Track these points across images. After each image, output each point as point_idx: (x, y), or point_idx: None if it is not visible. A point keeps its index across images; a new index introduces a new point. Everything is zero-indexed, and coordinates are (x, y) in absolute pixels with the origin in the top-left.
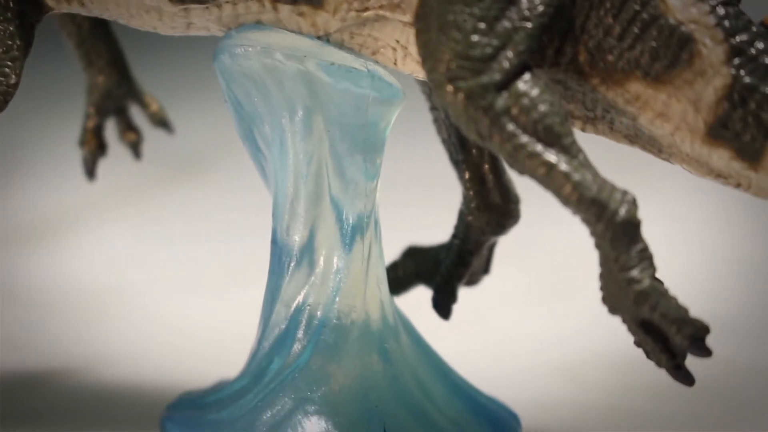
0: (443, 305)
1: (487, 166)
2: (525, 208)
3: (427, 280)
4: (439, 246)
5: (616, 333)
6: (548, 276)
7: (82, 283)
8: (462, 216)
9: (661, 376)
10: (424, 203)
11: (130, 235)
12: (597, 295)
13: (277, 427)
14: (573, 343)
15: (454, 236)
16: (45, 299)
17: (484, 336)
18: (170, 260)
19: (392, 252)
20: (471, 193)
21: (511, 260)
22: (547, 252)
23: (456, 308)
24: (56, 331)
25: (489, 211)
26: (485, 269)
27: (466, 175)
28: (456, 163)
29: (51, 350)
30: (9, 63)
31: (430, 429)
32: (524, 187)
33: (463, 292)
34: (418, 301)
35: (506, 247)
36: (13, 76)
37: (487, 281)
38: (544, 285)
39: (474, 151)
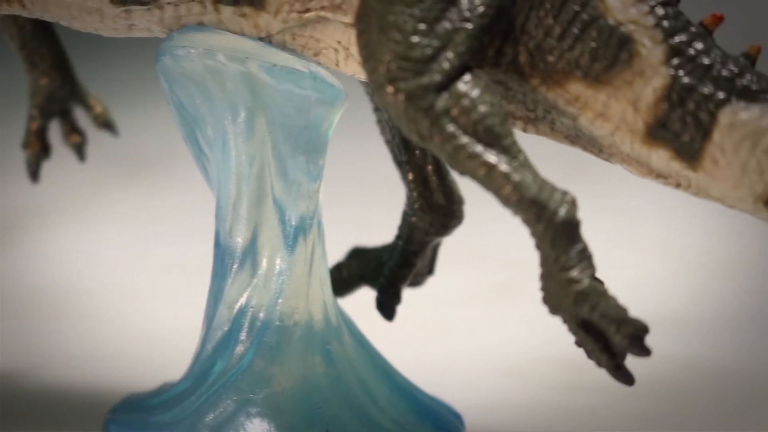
0: (387, 306)
1: (430, 167)
2: (470, 209)
3: (371, 281)
4: (383, 247)
5: (560, 333)
6: (492, 277)
7: (26, 285)
8: (406, 217)
9: (605, 375)
10: (368, 204)
11: (77, 238)
12: (539, 294)
13: (219, 429)
14: (517, 343)
15: (398, 237)
16: None
17: (429, 337)
18: (115, 262)
19: (337, 253)
20: (414, 194)
21: (455, 261)
22: (491, 253)
23: (400, 309)
24: (7, 333)
25: (433, 212)
26: (429, 270)
27: (410, 176)
28: (399, 164)
29: (2, 352)
30: None
31: (372, 430)
32: (470, 188)
33: (408, 293)
34: (362, 302)
35: (451, 248)
36: None
37: (431, 282)
38: (487, 286)
39: (417, 152)
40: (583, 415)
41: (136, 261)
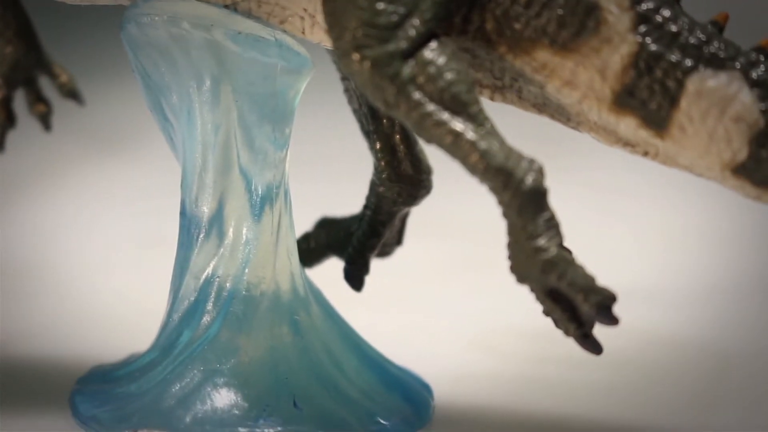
0: (355, 276)
1: (398, 137)
2: (439, 180)
3: (339, 252)
4: (351, 217)
5: (528, 305)
6: (461, 247)
7: None
8: (374, 187)
9: (572, 347)
10: (335, 174)
11: (43, 210)
12: (507, 267)
13: (185, 400)
14: (486, 315)
15: (366, 207)
16: None
17: (397, 308)
18: (81, 234)
19: (304, 224)
20: (382, 163)
21: (424, 233)
22: (460, 224)
23: (369, 280)
24: None
25: (400, 182)
26: (398, 240)
27: (377, 146)
28: (367, 134)
29: None
30: None
31: (340, 400)
32: (439, 158)
33: (376, 264)
34: (329, 272)
35: (420, 219)
36: None
37: (400, 253)
38: (456, 257)
39: (385, 121)
40: (551, 386)
41: (102, 234)
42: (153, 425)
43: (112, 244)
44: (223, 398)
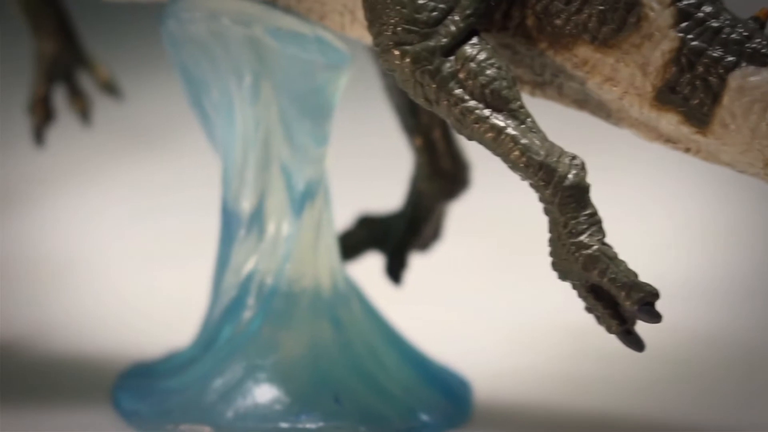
0: (395, 272)
1: (437, 133)
2: (478, 175)
3: (379, 247)
4: (390, 214)
5: (568, 300)
6: (500, 243)
7: (34, 253)
8: (413, 183)
9: (614, 342)
10: (374, 171)
11: (83, 205)
12: (546, 263)
13: (227, 395)
14: (525, 311)
15: (406, 203)
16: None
17: (436, 304)
18: (122, 230)
19: (343, 221)
20: (422, 159)
21: (465, 228)
22: (500, 219)
23: (408, 276)
24: (8, 301)
25: (440, 178)
26: (436, 235)
27: (417, 142)
28: (407, 130)
29: (3, 320)
30: None
31: (380, 396)
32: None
33: (416, 260)
34: (369, 268)
35: (459, 214)
36: None
37: (439, 248)
38: (495, 252)
39: (424, 117)
40: (590, 382)
41: (142, 229)
42: (195, 420)
43: (152, 239)
44: (265, 393)
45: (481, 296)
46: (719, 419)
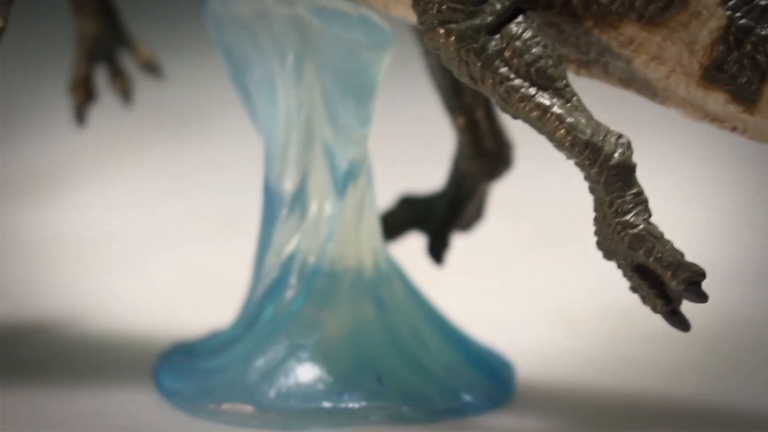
0: (437, 252)
1: (480, 112)
2: (521, 155)
3: (421, 227)
4: (432, 194)
5: (611, 281)
6: (543, 224)
7: (74, 234)
8: (456, 162)
9: (657, 324)
10: (416, 151)
11: (123, 186)
12: (591, 244)
13: (269, 374)
14: (568, 291)
15: (448, 183)
16: (37, 251)
17: (479, 284)
18: (163, 210)
19: (385, 201)
20: (465, 139)
21: (507, 208)
22: (543, 200)
23: (450, 256)
24: (49, 282)
25: (483, 157)
26: (478, 216)
27: (460, 122)
28: (449, 110)
29: (44, 301)
30: None
31: (423, 376)
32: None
33: (458, 241)
34: (411, 248)
35: (502, 194)
36: (0, 20)
37: (481, 229)
38: (538, 233)
39: (467, 97)
40: (633, 363)
41: (184, 209)
42: (237, 399)
43: (194, 219)
44: (307, 373)
45: (524, 276)
46: (764, 402)
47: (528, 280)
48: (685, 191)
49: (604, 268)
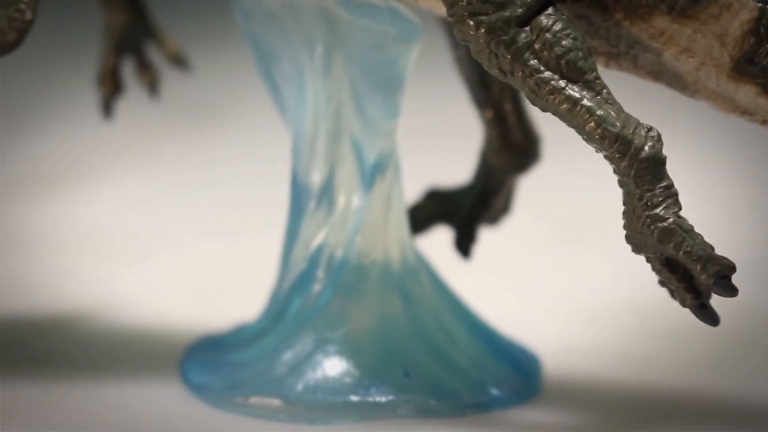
0: (464, 245)
1: (508, 105)
2: (549, 150)
3: (448, 221)
4: (459, 187)
5: (637, 277)
6: (570, 218)
7: (101, 227)
8: (484, 156)
9: (682, 319)
10: (444, 144)
11: (150, 178)
12: (619, 238)
13: (297, 367)
14: (595, 285)
15: (476, 176)
16: (63, 243)
17: (505, 278)
18: (190, 204)
19: (412, 194)
20: (493, 132)
21: (534, 203)
22: (570, 195)
23: (477, 250)
24: (76, 275)
25: (511, 151)
26: (506, 209)
27: (488, 114)
28: (477, 102)
29: (72, 294)
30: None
31: (450, 370)
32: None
33: (486, 235)
34: (438, 242)
35: (530, 188)
36: (29, 12)
37: (509, 223)
38: (565, 227)
39: (496, 89)
40: (660, 358)
41: (210, 202)
42: (264, 393)
43: (220, 212)
44: (335, 366)
45: (551, 271)
46: None
47: (555, 273)
48: (715, 184)
49: (630, 262)
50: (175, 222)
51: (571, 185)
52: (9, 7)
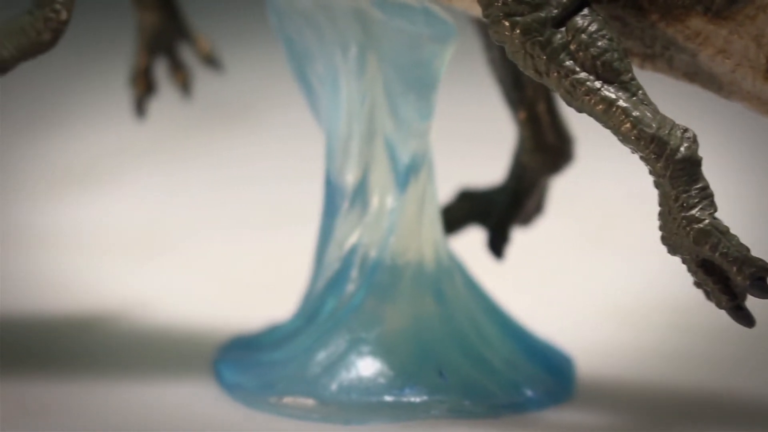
0: (497, 246)
1: (542, 106)
2: (582, 151)
3: (481, 221)
4: (492, 187)
5: (670, 277)
6: (603, 220)
7: (134, 225)
8: (517, 156)
9: (716, 320)
10: (477, 144)
11: (183, 178)
12: (652, 239)
13: (331, 368)
14: (628, 287)
15: (509, 177)
16: (97, 242)
17: (538, 278)
18: (223, 203)
19: (445, 194)
20: (526, 133)
21: (567, 203)
22: (603, 196)
23: (510, 250)
24: (109, 273)
25: (544, 151)
26: (539, 210)
27: (521, 116)
28: (511, 103)
29: (105, 293)
30: None
31: (484, 370)
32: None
33: (518, 235)
34: (470, 242)
35: (562, 190)
36: (64, 13)
37: (542, 224)
38: (599, 228)
39: (529, 91)
40: (693, 359)
41: (243, 202)
42: (298, 393)
43: (253, 212)
44: (369, 366)
45: (584, 271)
46: None
47: (587, 274)
48: (751, 185)
49: (663, 262)
50: (210, 221)
51: (604, 186)
52: (45, 7)
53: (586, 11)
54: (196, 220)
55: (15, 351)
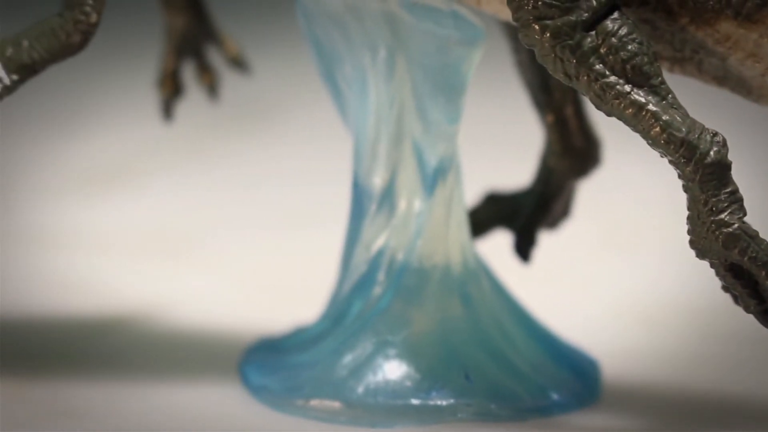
0: (523, 249)
1: (570, 110)
2: (609, 154)
3: (508, 225)
4: (519, 191)
5: (698, 281)
6: (630, 223)
7: (160, 227)
8: (544, 160)
9: (743, 323)
10: (504, 148)
11: (209, 180)
12: (680, 242)
13: (357, 370)
14: (655, 290)
15: (536, 181)
16: (123, 243)
17: (565, 282)
18: (249, 205)
19: (472, 197)
20: (553, 136)
21: (594, 207)
22: (630, 199)
23: (537, 254)
24: (134, 275)
25: (571, 155)
26: (566, 213)
27: (549, 119)
28: (538, 107)
29: (130, 295)
30: (90, 1)
31: (510, 373)
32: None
33: (545, 239)
34: (497, 245)
35: (589, 193)
36: (94, 15)
37: (569, 227)
38: (626, 232)
39: (557, 94)
40: (720, 363)
41: (269, 204)
42: (325, 395)
43: (279, 214)
44: (395, 369)
45: (610, 275)
46: None
47: (614, 277)
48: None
49: (691, 266)
50: (236, 223)
51: (631, 189)
52: (74, 9)
53: (616, 15)
54: (222, 222)
55: (41, 353)
